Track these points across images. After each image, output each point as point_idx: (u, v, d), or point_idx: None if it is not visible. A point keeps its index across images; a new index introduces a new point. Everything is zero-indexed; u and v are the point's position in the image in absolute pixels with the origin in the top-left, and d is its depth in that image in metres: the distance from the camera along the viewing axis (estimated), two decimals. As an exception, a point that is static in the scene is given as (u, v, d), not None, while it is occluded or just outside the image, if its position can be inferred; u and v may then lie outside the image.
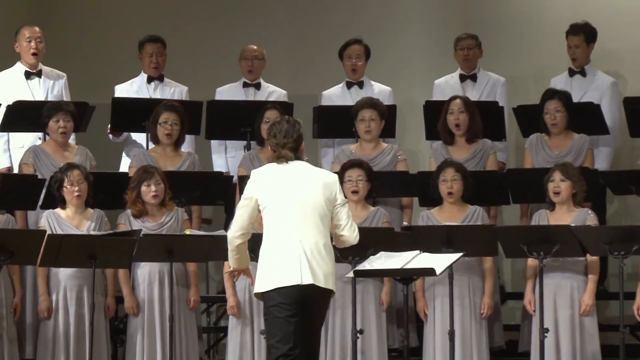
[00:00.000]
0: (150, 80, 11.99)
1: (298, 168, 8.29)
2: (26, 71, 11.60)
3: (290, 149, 8.27)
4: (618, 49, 12.45)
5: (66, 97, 11.61)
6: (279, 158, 8.28)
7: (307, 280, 8.07)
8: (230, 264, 8.46)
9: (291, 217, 8.19)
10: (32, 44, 11.53)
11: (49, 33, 12.25)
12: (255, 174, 8.30)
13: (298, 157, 8.28)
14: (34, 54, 11.55)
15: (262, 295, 8.21)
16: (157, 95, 11.80)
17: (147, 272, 10.24)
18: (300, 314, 8.17)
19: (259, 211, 8.23)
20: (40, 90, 11.61)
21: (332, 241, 8.28)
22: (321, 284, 8.11)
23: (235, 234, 8.27)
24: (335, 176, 8.42)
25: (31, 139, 11.41)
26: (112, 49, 13.34)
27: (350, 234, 8.31)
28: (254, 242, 8.38)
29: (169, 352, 10.06)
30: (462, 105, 11.06)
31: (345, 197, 8.42)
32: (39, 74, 11.64)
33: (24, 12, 13.56)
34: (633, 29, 12.57)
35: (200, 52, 13.30)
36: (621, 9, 12.64)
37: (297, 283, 8.07)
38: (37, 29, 11.61)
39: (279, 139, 8.28)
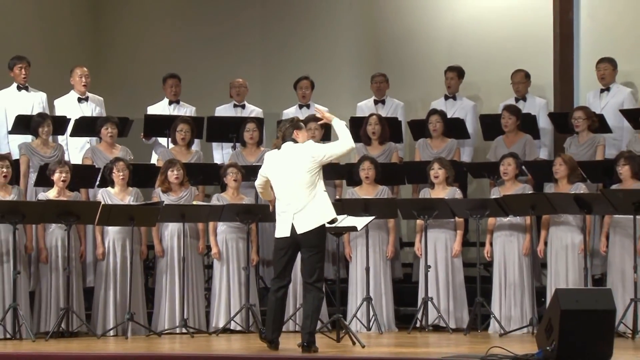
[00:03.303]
0: (170, 103, 11.91)
1: (287, 150, 8.30)
2: (78, 97, 11.48)
3: (282, 138, 8.35)
4: (477, 81, 12.36)
5: (104, 114, 11.49)
6: (274, 146, 8.44)
7: (298, 231, 8.14)
8: (262, 197, 8.70)
9: (285, 188, 8.25)
10: (83, 79, 11.42)
11: (101, 69, 12.18)
12: (266, 157, 8.44)
13: (289, 140, 8.29)
14: (84, 86, 11.45)
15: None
16: (175, 112, 11.74)
17: (169, 229, 10.28)
18: (293, 255, 8.27)
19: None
20: (87, 109, 11.48)
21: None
22: (304, 230, 8.13)
23: (258, 186, 8.50)
24: (309, 142, 8.31)
25: (82, 142, 11.31)
26: (145, 81, 13.13)
27: (341, 154, 8.37)
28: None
29: (183, 282, 10.12)
30: (377, 120, 11.08)
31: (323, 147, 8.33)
32: (86, 99, 11.49)
33: (79, 53, 13.43)
34: (487, 67, 12.41)
35: (204, 83, 13.10)
36: (479, 54, 12.48)
37: (287, 235, 8.19)
38: (85, 69, 11.51)
39: (279, 133, 8.43)
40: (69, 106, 11.46)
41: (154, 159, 11.54)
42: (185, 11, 13.92)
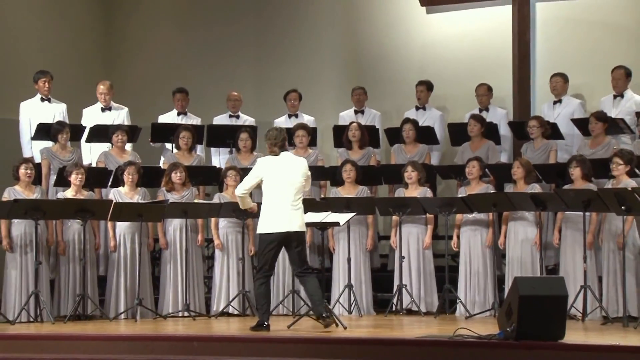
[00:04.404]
0: (179, 114, 11.79)
1: (285, 158, 8.47)
2: (102, 107, 11.47)
3: (278, 146, 8.45)
4: (445, 94, 12.31)
5: (127, 122, 11.46)
6: (272, 152, 8.47)
7: (291, 228, 8.30)
8: (240, 206, 8.67)
9: (281, 188, 8.35)
10: (102, 96, 11.42)
11: (117, 81, 12.16)
12: (261, 161, 8.47)
13: (284, 150, 8.48)
14: (103, 101, 11.43)
15: (260, 235, 8.41)
16: (183, 122, 11.54)
17: (173, 225, 10.25)
18: (279, 250, 8.39)
19: (260, 182, 8.41)
20: (109, 118, 11.43)
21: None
22: (296, 229, 8.32)
23: (242, 192, 8.54)
24: (304, 160, 8.62)
25: (100, 147, 11.23)
26: (155, 94, 13.04)
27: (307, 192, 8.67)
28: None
29: (185, 271, 10.11)
30: (357, 127, 11.09)
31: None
32: (109, 108, 11.47)
33: (94, 69, 13.38)
34: (453, 82, 12.34)
35: (203, 93, 12.92)
36: (446, 70, 12.44)
37: (285, 230, 8.30)
38: (108, 84, 11.48)
39: (271, 141, 8.45)
40: (94, 116, 11.44)
41: (161, 162, 11.44)
42: (186, 32, 13.81)
